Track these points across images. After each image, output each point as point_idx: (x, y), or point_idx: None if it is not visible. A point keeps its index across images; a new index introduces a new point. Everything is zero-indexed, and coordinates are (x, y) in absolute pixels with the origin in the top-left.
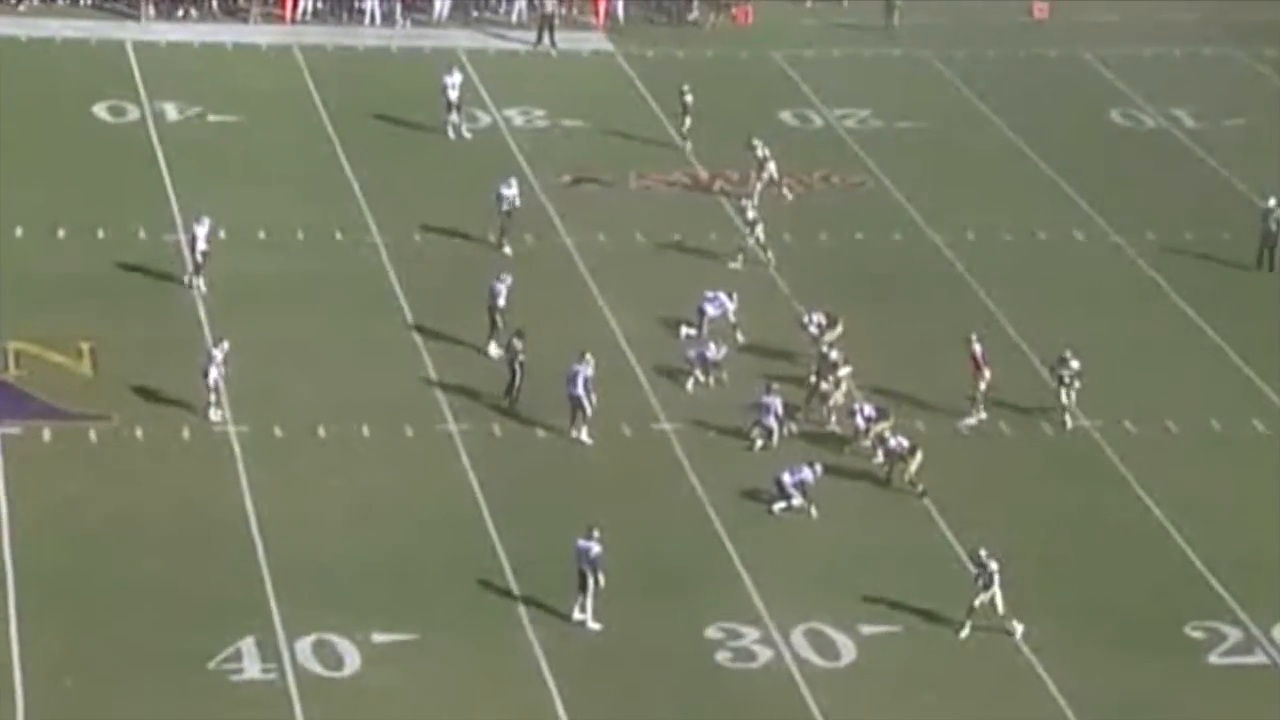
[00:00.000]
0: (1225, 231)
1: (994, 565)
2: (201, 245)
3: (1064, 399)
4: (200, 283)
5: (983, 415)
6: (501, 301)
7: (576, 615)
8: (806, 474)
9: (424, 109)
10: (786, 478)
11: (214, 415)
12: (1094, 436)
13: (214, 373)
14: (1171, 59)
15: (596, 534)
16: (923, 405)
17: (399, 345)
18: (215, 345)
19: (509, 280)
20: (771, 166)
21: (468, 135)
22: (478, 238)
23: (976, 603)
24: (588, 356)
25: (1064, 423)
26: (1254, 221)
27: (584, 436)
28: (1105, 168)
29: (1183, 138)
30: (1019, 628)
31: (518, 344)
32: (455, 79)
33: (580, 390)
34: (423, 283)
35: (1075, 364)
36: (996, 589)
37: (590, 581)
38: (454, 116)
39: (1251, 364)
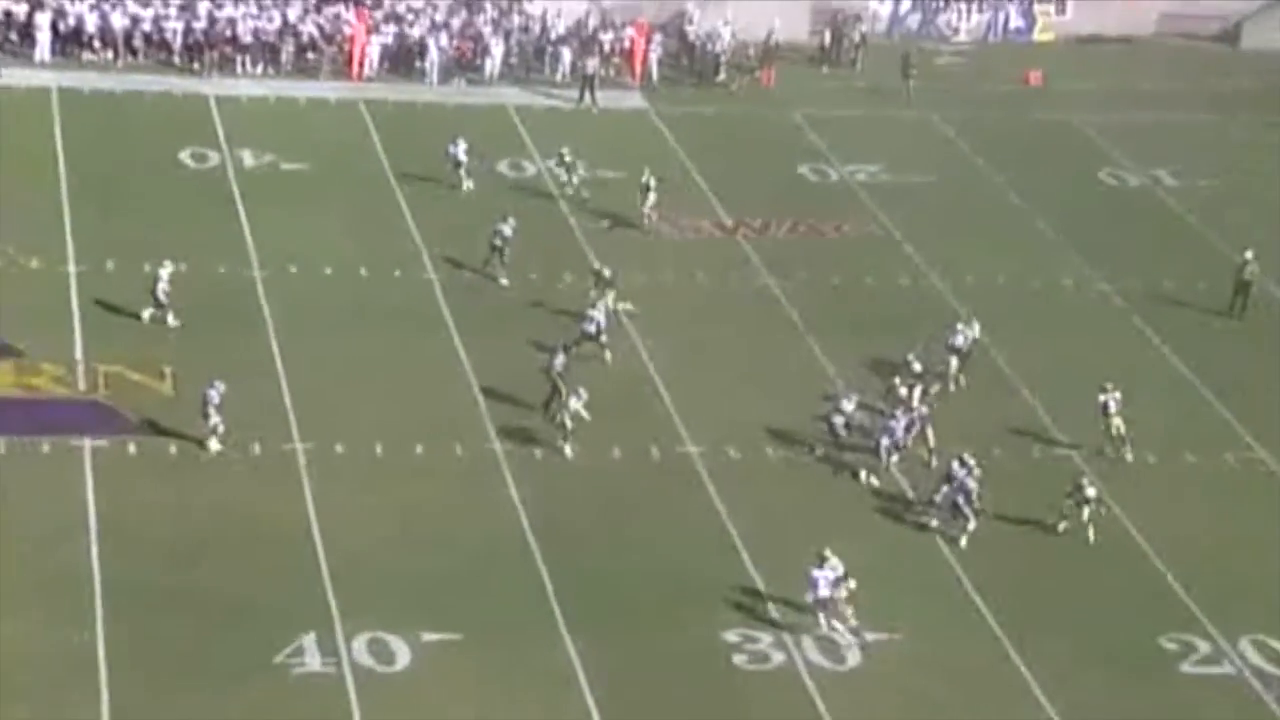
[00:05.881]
0: (1201, 280)
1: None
2: (164, 285)
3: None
4: (169, 318)
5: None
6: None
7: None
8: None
9: (474, 158)
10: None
11: (214, 445)
12: (1076, 462)
13: (214, 414)
14: (1153, 124)
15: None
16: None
17: (451, 370)
18: (210, 386)
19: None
20: (652, 197)
21: (470, 187)
22: (521, 274)
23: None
24: None
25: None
26: (1227, 271)
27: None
28: (1093, 222)
29: (1163, 195)
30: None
31: (559, 361)
32: (461, 146)
33: None
34: (473, 314)
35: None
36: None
37: None
38: (460, 172)
39: (1224, 401)
